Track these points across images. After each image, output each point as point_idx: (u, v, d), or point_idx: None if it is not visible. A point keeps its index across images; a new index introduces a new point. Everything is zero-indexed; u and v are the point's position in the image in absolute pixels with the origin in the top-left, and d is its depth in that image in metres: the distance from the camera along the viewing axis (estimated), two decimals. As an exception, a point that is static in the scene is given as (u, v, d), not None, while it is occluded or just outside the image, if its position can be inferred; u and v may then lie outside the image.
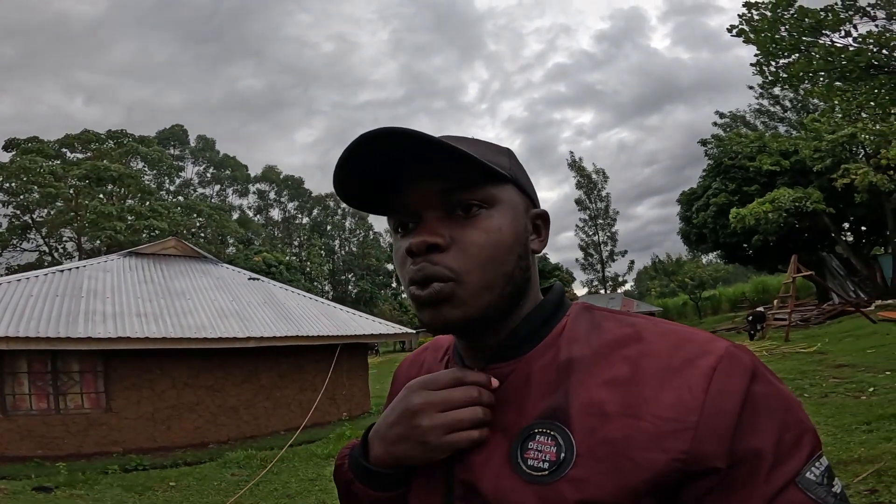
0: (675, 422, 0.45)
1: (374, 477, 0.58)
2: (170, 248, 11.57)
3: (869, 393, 5.99)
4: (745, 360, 0.48)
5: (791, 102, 24.94)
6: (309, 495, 5.24)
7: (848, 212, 20.26)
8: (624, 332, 0.53)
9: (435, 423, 0.52)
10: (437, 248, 0.52)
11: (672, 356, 0.49)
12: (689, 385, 0.47)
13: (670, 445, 0.45)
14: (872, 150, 15.07)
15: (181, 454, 7.60)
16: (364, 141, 0.50)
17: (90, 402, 7.70)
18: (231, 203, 47.52)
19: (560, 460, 0.48)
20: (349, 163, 0.52)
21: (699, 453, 0.45)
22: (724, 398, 0.46)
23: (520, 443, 0.51)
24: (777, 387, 0.48)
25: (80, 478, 5.97)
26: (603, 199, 43.39)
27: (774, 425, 0.46)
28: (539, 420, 0.51)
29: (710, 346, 0.49)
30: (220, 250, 34.63)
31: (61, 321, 7.39)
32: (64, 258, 30.51)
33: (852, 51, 6.60)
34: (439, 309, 0.53)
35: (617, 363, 0.50)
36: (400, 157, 0.53)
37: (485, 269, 0.53)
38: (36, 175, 25.91)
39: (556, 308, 0.58)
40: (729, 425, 0.45)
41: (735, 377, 0.47)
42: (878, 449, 4.02)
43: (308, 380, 9.57)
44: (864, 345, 9.72)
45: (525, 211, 0.58)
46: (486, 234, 0.53)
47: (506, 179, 0.56)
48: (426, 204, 0.54)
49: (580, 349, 0.53)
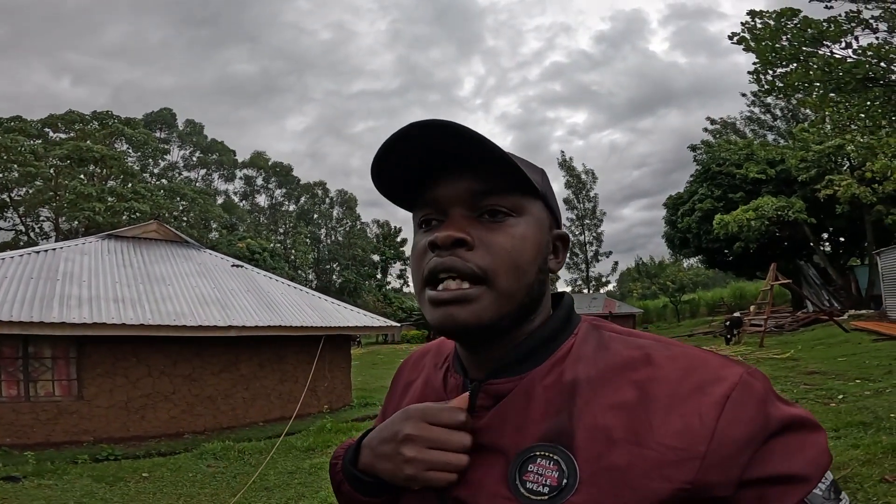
0: (682, 451, 0.45)
1: (361, 482, 0.59)
2: (151, 232, 11.33)
3: (838, 400, 6.15)
4: (759, 387, 0.47)
5: (782, 111, 25.36)
6: (287, 488, 5.20)
7: (828, 223, 20.74)
8: (632, 354, 0.51)
9: (420, 458, 0.52)
10: (463, 243, 0.52)
11: (682, 382, 0.48)
12: (700, 413, 0.45)
13: (675, 475, 0.44)
14: (858, 163, 15.42)
15: (155, 444, 7.45)
16: (413, 128, 0.50)
17: (61, 390, 7.52)
18: (216, 188, 46.74)
19: (562, 486, 0.47)
20: (395, 146, 0.52)
21: (705, 483, 0.44)
22: (736, 428, 0.45)
23: (518, 464, 0.50)
24: (790, 412, 0.48)
25: (48, 467, 5.81)
26: (591, 200, 43.74)
27: (789, 453, 0.45)
28: (541, 443, 0.50)
29: (723, 373, 0.47)
30: (203, 235, 34.09)
31: (35, 305, 7.18)
32: (41, 238, 29.84)
33: (850, 62, 6.69)
34: (456, 309, 0.51)
35: (624, 387, 0.49)
36: (441, 151, 0.53)
37: (509, 274, 0.52)
38: (16, 154, 25.42)
39: (565, 324, 0.57)
40: (739, 456, 0.44)
41: (748, 407, 0.46)
42: (845, 456, 4.12)
43: (289, 370, 9.48)
44: (836, 353, 9.99)
45: (549, 229, 0.58)
46: (513, 239, 0.53)
47: (536, 194, 0.56)
48: (456, 202, 0.54)
49: (586, 370, 0.52)
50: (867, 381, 6.98)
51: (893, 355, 8.67)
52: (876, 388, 6.53)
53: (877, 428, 4.73)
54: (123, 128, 32.34)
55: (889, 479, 3.71)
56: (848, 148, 12.44)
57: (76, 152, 26.86)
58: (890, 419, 4.91)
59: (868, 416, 5.09)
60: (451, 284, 0.51)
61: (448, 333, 0.54)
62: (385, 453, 0.55)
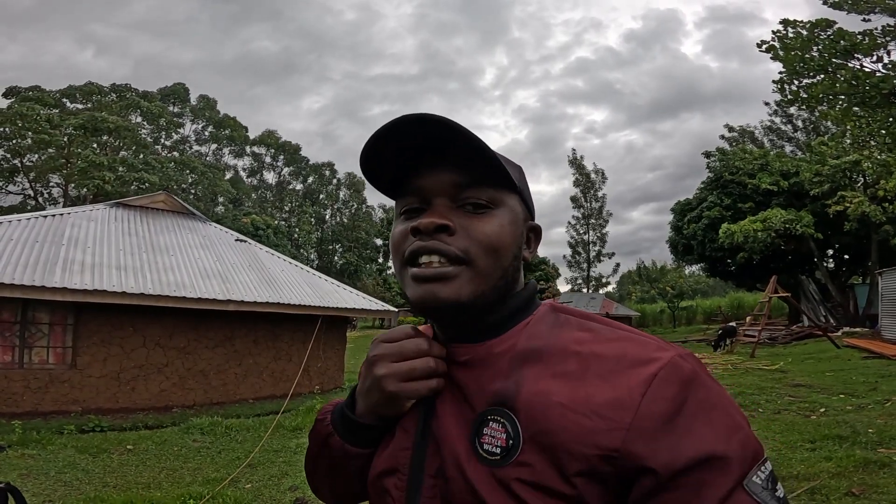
0: (611, 420, 0.49)
1: (355, 430, 0.64)
2: (159, 202, 11.41)
3: (819, 413, 6.19)
4: (686, 368, 0.51)
5: (804, 122, 25.05)
6: (272, 465, 5.23)
7: (834, 239, 20.58)
8: (582, 335, 0.56)
9: (390, 371, 0.59)
10: (445, 229, 0.57)
11: (620, 359, 0.52)
12: (629, 387, 0.50)
13: (603, 442, 0.48)
14: (873, 180, 15.28)
15: (143, 417, 7.45)
16: (401, 122, 0.56)
17: (55, 358, 7.54)
18: (226, 163, 46.84)
19: (509, 447, 0.52)
20: (380, 141, 0.57)
21: (630, 453, 0.47)
22: (658, 403, 0.48)
23: (476, 428, 0.55)
24: (716, 394, 0.51)
25: (33, 437, 5.75)
26: (598, 200, 43.49)
27: (712, 431, 0.48)
28: (490, 407, 0.55)
29: (656, 354, 0.52)
30: (210, 209, 34.29)
31: (38, 269, 7.20)
32: (48, 204, 30.09)
33: (879, 77, 6.65)
34: (437, 286, 0.56)
35: (569, 359, 0.54)
36: (427, 146, 0.58)
37: (488, 257, 0.57)
38: (31, 122, 25.57)
39: (525, 304, 0.62)
40: (660, 428, 0.48)
41: (672, 384, 0.49)
42: (817, 467, 4.18)
43: (283, 349, 9.53)
44: (824, 367, 10.01)
45: (524, 221, 0.63)
46: (491, 227, 0.58)
47: (514, 189, 0.60)
48: (439, 192, 0.58)
49: (538, 343, 0.56)
50: (851, 397, 7.02)
51: (881, 373, 8.68)
52: (858, 403, 6.57)
53: (852, 442, 4.78)
54: (140, 101, 32.45)
55: (856, 492, 3.78)
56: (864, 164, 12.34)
57: (91, 122, 27.04)
58: (867, 434, 4.96)
59: (846, 430, 5.14)
60: (434, 262, 0.56)
61: (428, 310, 0.58)
62: (367, 387, 0.61)
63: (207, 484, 4.59)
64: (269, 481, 4.79)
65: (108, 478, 4.79)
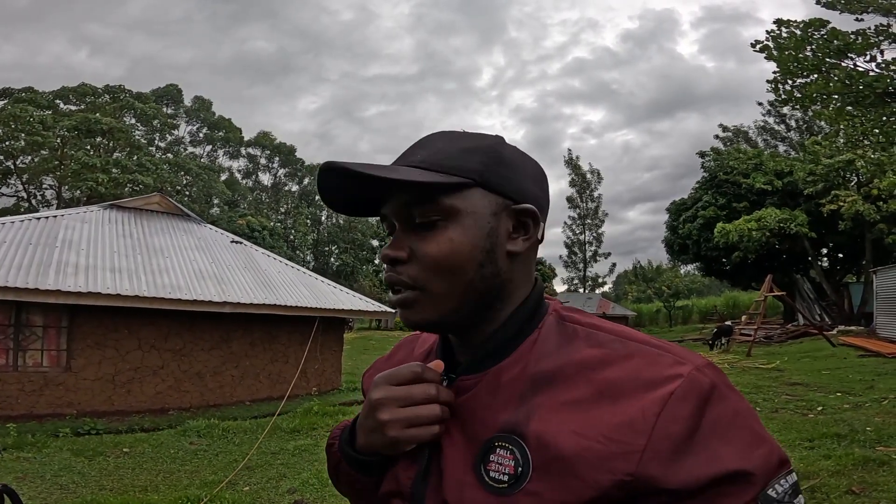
0: (625, 444, 0.47)
1: (359, 463, 0.63)
2: (153, 204, 11.34)
3: (817, 412, 6.24)
4: (705, 382, 0.49)
5: (797, 122, 25.22)
6: (269, 468, 5.21)
7: (828, 238, 20.74)
8: (592, 353, 0.54)
9: (395, 418, 0.57)
10: (397, 261, 0.57)
11: (634, 380, 0.50)
12: (643, 409, 0.48)
13: (618, 467, 0.47)
14: (866, 179, 15.39)
15: (139, 419, 7.39)
16: (323, 175, 0.56)
17: (50, 360, 7.48)
18: (221, 164, 46.64)
19: (518, 474, 0.51)
20: (326, 193, 0.60)
21: (646, 475, 0.46)
22: (674, 423, 0.47)
23: (482, 454, 0.53)
24: (735, 406, 0.49)
25: (29, 440, 5.75)
26: (594, 200, 43.69)
27: (732, 447, 0.47)
28: (499, 433, 0.53)
29: (672, 371, 0.50)
30: (205, 210, 34.12)
31: (31, 271, 7.15)
32: (42, 206, 29.88)
33: (872, 76, 6.67)
34: (405, 312, 0.58)
35: (581, 384, 0.52)
36: (363, 190, 0.58)
37: (440, 279, 0.55)
38: (24, 123, 25.44)
39: (531, 316, 0.59)
40: (677, 449, 0.46)
41: (688, 401, 0.48)
42: (816, 466, 4.20)
43: (280, 350, 9.49)
44: (821, 366, 10.08)
45: (495, 213, 0.56)
46: (439, 245, 0.55)
47: (471, 185, 0.56)
48: (397, 217, 0.58)
49: (548, 365, 0.55)
50: (848, 395, 7.06)
51: (877, 371, 8.75)
52: (856, 401, 6.61)
53: (851, 440, 4.80)
54: (134, 102, 32.28)
55: (856, 490, 3.80)
56: (858, 164, 12.42)
57: (84, 123, 26.87)
58: (865, 432, 4.98)
59: (844, 429, 5.17)
60: (398, 289, 0.58)
61: (411, 329, 0.61)
62: (369, 427, 0.59)
63: (205, 487, 4.56)
64: (268, 483, 4.77)
65: (104, 481, 4.75)
